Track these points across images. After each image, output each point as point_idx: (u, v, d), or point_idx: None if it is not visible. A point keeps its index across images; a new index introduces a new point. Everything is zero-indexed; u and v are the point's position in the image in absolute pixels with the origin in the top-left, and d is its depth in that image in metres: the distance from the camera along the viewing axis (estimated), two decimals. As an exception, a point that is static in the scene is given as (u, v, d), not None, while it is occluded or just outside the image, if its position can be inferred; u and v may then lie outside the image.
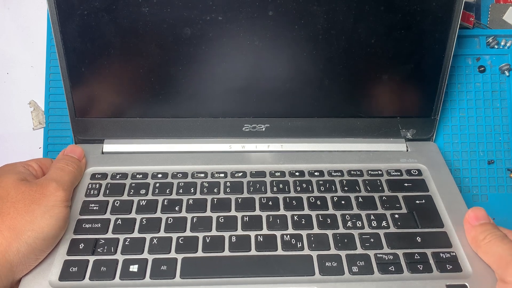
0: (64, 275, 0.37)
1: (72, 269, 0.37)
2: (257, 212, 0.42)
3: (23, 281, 0.36)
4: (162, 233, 0.40)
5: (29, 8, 0.56)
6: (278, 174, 0.46)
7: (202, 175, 0.46)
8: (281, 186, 0.45)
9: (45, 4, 0.56)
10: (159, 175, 0.46)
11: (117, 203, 0.43)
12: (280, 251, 0.39)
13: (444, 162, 0.48)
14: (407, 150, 0.50)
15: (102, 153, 0.48)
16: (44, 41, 0.53)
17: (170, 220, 0.41)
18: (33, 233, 0.36)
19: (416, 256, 0.38)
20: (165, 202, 0.43)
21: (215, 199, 0.43)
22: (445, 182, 0.45)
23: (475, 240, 0.38)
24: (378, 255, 0.39)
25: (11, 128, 0.53)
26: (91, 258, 0.38)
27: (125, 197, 0.43)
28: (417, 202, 0.43)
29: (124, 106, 0.48)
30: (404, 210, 0.43)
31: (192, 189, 0.44)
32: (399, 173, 0.46)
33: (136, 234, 0.40)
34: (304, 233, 0.40)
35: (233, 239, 0.40)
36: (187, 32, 0.44)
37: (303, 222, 0.41)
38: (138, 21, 0.44)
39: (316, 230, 0.41)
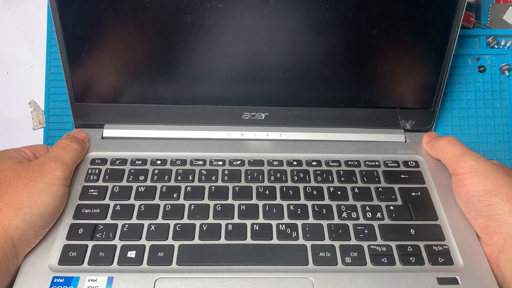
0: (63, 260, 0.37)
1: (71, 254, 0.38)
2: (254, 201, 0.43)
3: (24, 265, 0.37)
4: (160, 220, 0.41)
5: (29, 8, 0.56)
6: (276, 163, 0.46)
7: (201, 162, 0.46)
8: (278, 175, 0.45)
9: (45, 4, 0.55)
10: (158, 162, 0.46)
11: (116, 189, 0.43)
12: (275, 240, 0.39)
13: (442, 154, 0.48)
14: (405, 141, 0.50)
15: (102, 138, 0.49)
16: (44, 41, 0.54)
17: (168, 207, 0.42)
18: (30, 209, 0.36)
19: (409, 249, 0.39)
20: (164, 188, 0.43)
21: (213, 187, 0.44)
22: (442, 175, 0.46)
23: (432, 148, 0.47)
24: (371, 246, 0.39)
25: (11, 128, 0.53)
26: (90, 243, 0.39)
27: (124, 183, 0.44)
28: (413, 194, 0.44)
29: (124, 91, 0.48)
30: (399, 202, 0.43)
31: (190, 176, 0.45)
32: (396, 165, 0.47)
33: (134, 220, 0.41)
34: (299, 223, 0.41)
35: (230, 227, 0.40)
36: (187, 19, 0.44)
37: (298, 212, 0.42)
38: (138, 7, 0.43)
39: (311, 220, 0.41)
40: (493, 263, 0.38)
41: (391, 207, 0.42)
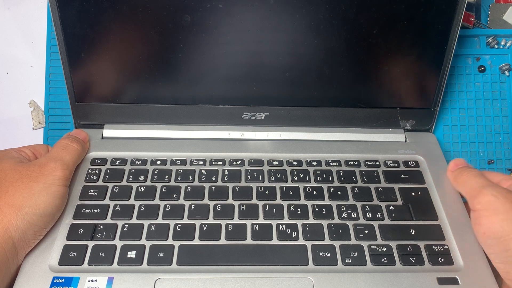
0: (64, 260, 0.38)
1: (71, 254, 0.38)
2: (254, 201, 0.43)
3: (24, 265, 0.37)
4: (160, 220, 0.41)
5: (29, 8, 0.56)
6: (276, 163, 0.46)
7: (201, 162, 0.46)
8: (278, 175, 0.45)
9: (45, 4, 0.55)
10: (158, 162, 0.46)
11: (116, 189, 0.43)
12: (275, 241, 0.39)
13: (442, 154, 0.48)
14: (405, 141, 0.50)
15: (102, 138, 0.49)
16: (44, 41, 0.53)
17: (168, 207, 0.42)
18: (30, 209, 0.37)
19: (409, 249, 0.39)
20: (164, 189, 0.43)
21: (213, 187, 0.44)
22: (442, 175, 0.46)
23: (454, 178, 0.43)
24: (371, 246, 0.39)
25: (11, 128, 0.53)
26: (90, 244, 0.39)
27: (124, 183, 0.44)
28: (413, 194, 0.44)
29: (124, 91, 0.48)
30: (399, 202, 0.43)
31: (190, 176, 0.45)
32: (396, 164, 0.47)
33: (134, 221, 0.41)
34: (299, 223, 0.41)
35: (230, 227, 0.40)
36: (187, 19, 0.44)
37: (299, 212, 0.42)
38: (138, 7, 0.43)
39: (311, 220, 0.41)
40: None
41: (391, 207, 0.42)
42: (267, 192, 0.43)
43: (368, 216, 0.42)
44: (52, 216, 0.39)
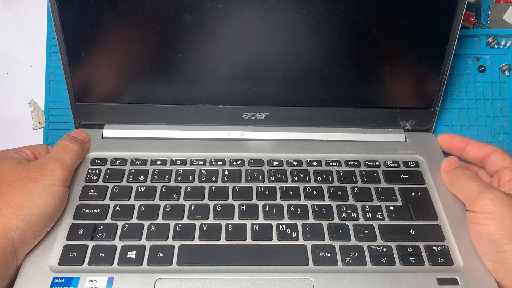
0: (64, 260, 0.38)
1: (71, 254, 0.38)
2: (254, 201, 0.43)
3: (24, 266, 0.37)
4: (160, 220, 0.41)
5: (29, 8, 0.56)
6: (276, 163, 0.46)
7: (201, 162, 0.46)
8: (278, 175, 0.45)
9: (45, 4, 0.55)
10: (158, 162, 0.46)
11: (116, 189, 0.43)
12: (275, 241, 0.39)
13: (442, 154, 0.48)
14: (405, 141, 0.50)
15: (102, 138, 0.49)
16: (44, 41, 0.53)
17: (168, 207, 0.42)
18: (30, 209, 0.37)
19: (409, 249, 0.39)
20: (164, 189, 0.43)
21: (213, 187, 0.44)
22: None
23: (449, 181, 0.43)
24: (371, 246, 0.39)
25: (11, 128, 0.53)
26: (90, 244, 0.39)
27: (124, 183, 0.44)
28: (413, 194, 0.44)
29: (124, 91, 0.48)
30: (399, 202, 0.43)
31: (190, 176, 0.45)
32: (396, 165, 0.47)
33: (134, 221, 0.41)
34: (299, 223, 0.41)
35: (230, 227, 0.40)
36: (187, 19, 0.44)
37: (299, 212, 0.42)
38: (138, 7, 0.43)
39: (311, 221, 0.41)
40: None
41: (391, 207, 0.42)
42: (267, 192, 0.43)
43: (368, 216, 0.42)
44: (52, 217, 0.39)
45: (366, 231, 0.40)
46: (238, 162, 0.46)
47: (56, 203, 0.39)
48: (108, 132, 0.49)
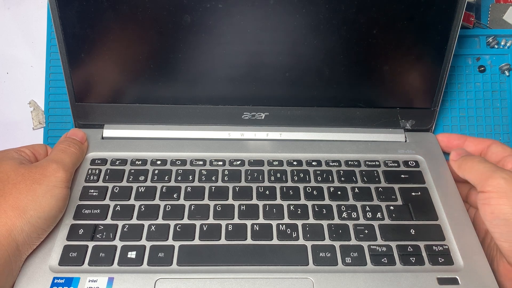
0: (64, 260, 0.38)
1: (71, 254, 0.38)
2: (254, 201, 0.43)
3: (24, 266, 0.37)
4: (160, 220, 0.41)
5: (29, 8, 0.56)
6: (276, 163, 0.46)
7: (201, 162, 0.46)
8: (278, 175, 0.45)
9: (45, 4, 0.55)
10: (158, 162, 0.46)
11: (116, 189, 0.43)
12: (275, 241, 0.39)
13: (442, 154, 0.48)
14: (405, 141, 0.50)
15: (102, 138, 0.49)
16: (44, 41, 0.53)
17: (168, 207, 0.42)
18: (36, 212, 0.36)
19: (409, 249, 0.39)
20: (164, 189, 0.43)
21: (213, 187, 0.44)
22: (442, 175, 0.46)
23: (460, 166, 0.42)
24: (371, 246, 0.39)
25: (11, 128, 0.53)
26: (90, 244, 0.39)
27: (124, 183, 0.44)
28: (413, 194, 0.44)
29: (124, 91, 0.48)
30: (399, 202, 0.43)
31: (190, 176, 0.45)
32: (396, 164, 0.47)
33: (134, 221, 0.41)
34: (299, 223, 0.41)
35: (230, 227, 0.40)
36: (187, 19, 0.44)
37: (299, 212, 0.42)
38: (138, 7, 0.43)
39: (311, 220, 0.41)
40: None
41: (391, 207, 0.42)
42: (267, 192, 0.43)
43: (368, 216, 0.42)
44: (55, 218, 0.39)
45: (366, 231, 0.40)
46: (238, 162, 0.46)
47: (60, 205, 0.39)
48: (108, 132, 0.49)
